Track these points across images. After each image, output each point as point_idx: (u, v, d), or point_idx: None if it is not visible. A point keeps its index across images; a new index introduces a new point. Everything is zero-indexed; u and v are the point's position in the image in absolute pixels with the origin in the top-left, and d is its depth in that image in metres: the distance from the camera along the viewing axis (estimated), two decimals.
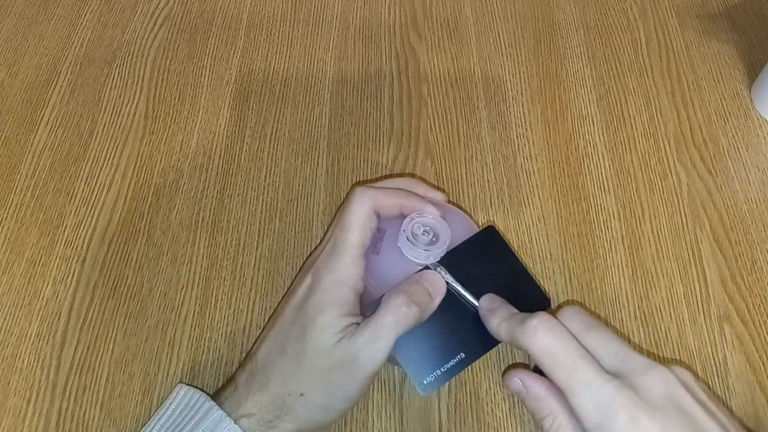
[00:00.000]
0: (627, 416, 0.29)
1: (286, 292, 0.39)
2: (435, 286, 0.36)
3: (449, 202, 0.42)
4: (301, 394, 0.34)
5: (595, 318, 0.33)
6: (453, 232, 0.37)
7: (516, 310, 0.34)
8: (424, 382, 0.34)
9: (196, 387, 0.37)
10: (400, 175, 0.51)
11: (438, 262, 0.37)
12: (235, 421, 0.34)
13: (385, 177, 0.51)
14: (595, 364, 0.30)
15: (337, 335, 0.33)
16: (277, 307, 0.39)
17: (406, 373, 0.35)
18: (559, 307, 0.33)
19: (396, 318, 0.33)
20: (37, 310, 0.45)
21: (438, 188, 0.40)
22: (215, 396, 0.36)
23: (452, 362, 0.35)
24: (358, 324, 0.34)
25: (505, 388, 0.33)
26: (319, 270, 0.35)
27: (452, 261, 0.37)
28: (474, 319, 0.36)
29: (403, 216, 0.38)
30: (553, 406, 0.31)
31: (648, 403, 0.29)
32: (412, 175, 0.52)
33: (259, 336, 0.38)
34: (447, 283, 0.36)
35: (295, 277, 0.40)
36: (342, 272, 0.35)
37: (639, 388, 0.29)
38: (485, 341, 0.35)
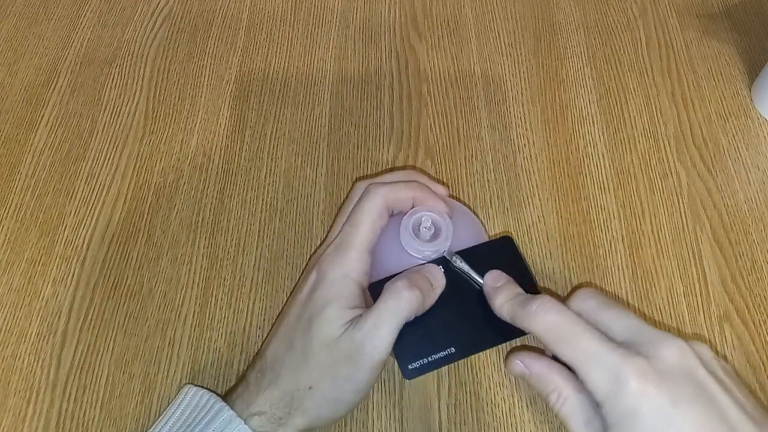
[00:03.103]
0: (636, 384, 0.27)
1: (293, 289, 0.40)
2: (435, 278, 0.35)
3: (460, 201, 0.41)
4: (310, 388, 0.34)
5: (610, 297, 0.32)
6: (459, 232, 0.37)
7: (521, 290, 0.34)
8: (410, 366, 0.34)
9: (205, 388, 0.37)
10: (404, 167, 0.51)
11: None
12: (246, 420, 0.33)
13: (386, 170, 0.51)
14: (599, 335, 0.30)
15: (343, 327, 0.33)
16: (284, 305, 0.39)
17: (395, 358, 0.35)
18: (573, 289, 0.33)
19: (398, 301, 0.33)
20: (37, 310, 0.45)
21: (439, 182, 0.40)
22: (226, 395, 0.36)
23: (441, 354, 0.35)
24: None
25: (509, 373, 0.32)
26: (324, 265, 0.36)
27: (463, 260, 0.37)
28: (472, 318, 0.36)
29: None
30: (557, 382, 0.31)
31: (657, 372, 0.28)
32: (413, 167, 0.52)
33: (267, 334, 0.38)
34: (461, 270, 0.36)
35: (301, 274, 0.41)
36: (347, 266, 0.35)
37: (649, 357, 0.28)
38: (479, 342, 0.35)
